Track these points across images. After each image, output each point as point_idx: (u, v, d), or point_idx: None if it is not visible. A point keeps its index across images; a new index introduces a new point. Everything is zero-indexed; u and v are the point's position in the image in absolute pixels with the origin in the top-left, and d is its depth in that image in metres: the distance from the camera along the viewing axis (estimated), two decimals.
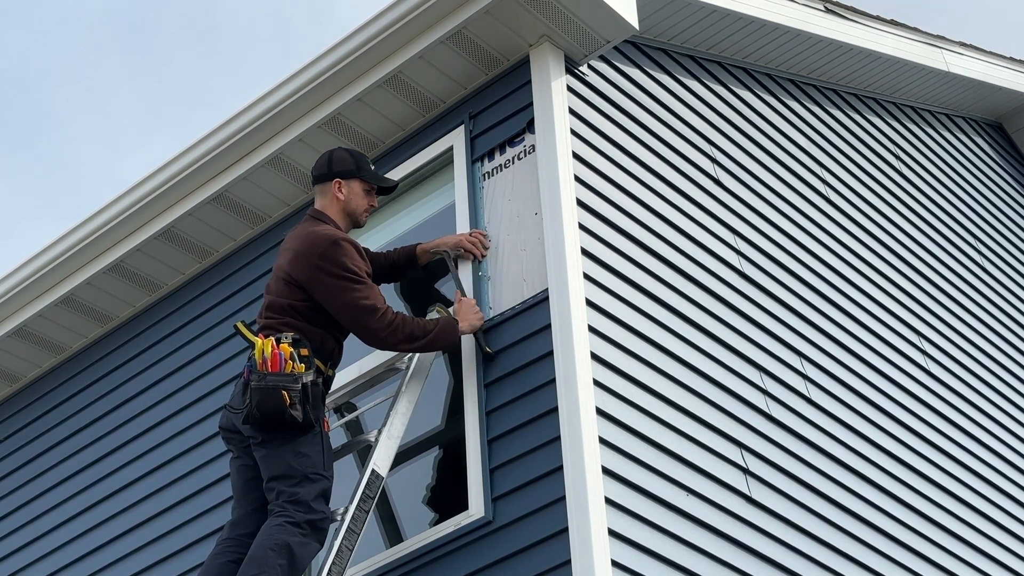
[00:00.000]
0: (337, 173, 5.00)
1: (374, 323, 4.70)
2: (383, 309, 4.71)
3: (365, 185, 5.04)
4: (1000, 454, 6.99)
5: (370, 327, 4.72)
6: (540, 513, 4.48)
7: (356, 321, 4.74)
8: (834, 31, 7.24)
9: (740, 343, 5.60)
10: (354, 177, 5.02)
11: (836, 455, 5.75)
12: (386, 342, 4.77)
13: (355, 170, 5.02)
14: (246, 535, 4.64)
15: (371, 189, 5.07)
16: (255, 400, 4.51)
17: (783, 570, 5.07)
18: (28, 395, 7.12)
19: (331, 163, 5.03)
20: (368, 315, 4.70)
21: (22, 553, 6.54)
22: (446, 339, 4.83)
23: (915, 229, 7.55)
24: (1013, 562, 6.52)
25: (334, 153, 5.07)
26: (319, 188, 5.04)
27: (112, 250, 6.53)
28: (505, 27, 5.49)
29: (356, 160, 5.04)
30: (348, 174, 5.01)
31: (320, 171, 5.04)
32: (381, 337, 4.74)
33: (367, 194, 5.05)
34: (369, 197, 5.06)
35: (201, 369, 6.21)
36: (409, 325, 4.74)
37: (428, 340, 4.77)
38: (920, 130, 8.33)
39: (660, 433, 4.88)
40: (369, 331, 4.74)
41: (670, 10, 6.20)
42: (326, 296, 4.74)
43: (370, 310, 4.70)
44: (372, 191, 5.08)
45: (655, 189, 5.67)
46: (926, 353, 6.87)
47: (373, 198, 5.08)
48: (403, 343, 4.76)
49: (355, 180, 5.02)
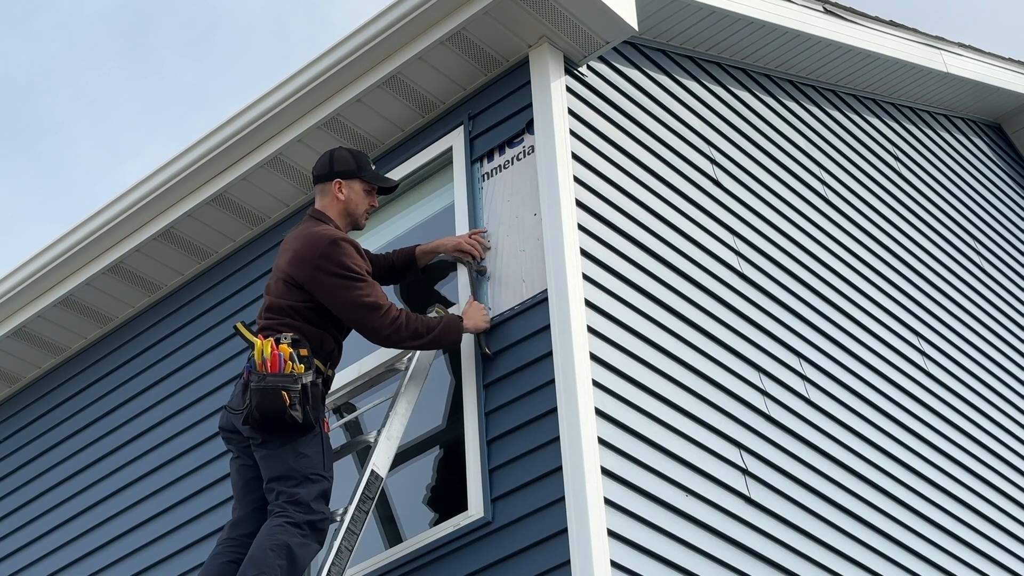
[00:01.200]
0: (338, 173, 4.98)
1: (377, 321, 4.70)
2: (386, 306, 4.70)
3: (366, 185, 5.02)
4: (1000, 455, 6.99)
5: (373, 325, 4.71)
6: (539, 514, 4.48)
7: (359, 319, 4.73)
8: (833, 32, 7.24)
9: (739, 344, 5.61)
10: (355, 177, 5.00)
11: (835, 456, 5.76)
12: (390, 340, 4.76)
13: (356, 170, 5.00)
14: (246, 535, 4.64)
15: (372, 189, 5.05)
16: (255, 401, 4.50)
17: (783, 570, 5.07)
18: (28, 395, 7.12)
19: (332, 163, 5.00)
20: (371, 312, 4.69)
21: (22, 553, 6.54)
22: (449, 337, 4.82)
23: (914, 230, 7.55)
24: (1013, 562, 6.52)
25: (335, 153, 5.04)
26: (319, 188, 5.02)
27: (112, 251, 6.53)
28: (504, 28, 5.49)
29: (357, 160, 5.02)
30: (349, 174, 4.99)
31: (321, 171, 5.02)
32: (385, 335, 4.73)
33: (368, 194, 5.03)
34: (370, 197, 5.04)
35: (200, 370, 6.21)
36: (413, 322, 4.73)
37: (432, 337, 4.77)
38: (919, 131, 8.33)
39: (659, 434, 4.88)
40: (372, 329, 4.73)
41: (669, 11, 6.20)
42: (328, 296, 4.73)
43: (373, 307, 4.69)
44: (373, 191, 5.06)
45: (654, 190, 5.68)
46: (925, 354, 6.88)
47: (374, 198, 5.06)
48: (407, 340, 4.75)
49: (356, 180, 5.00)
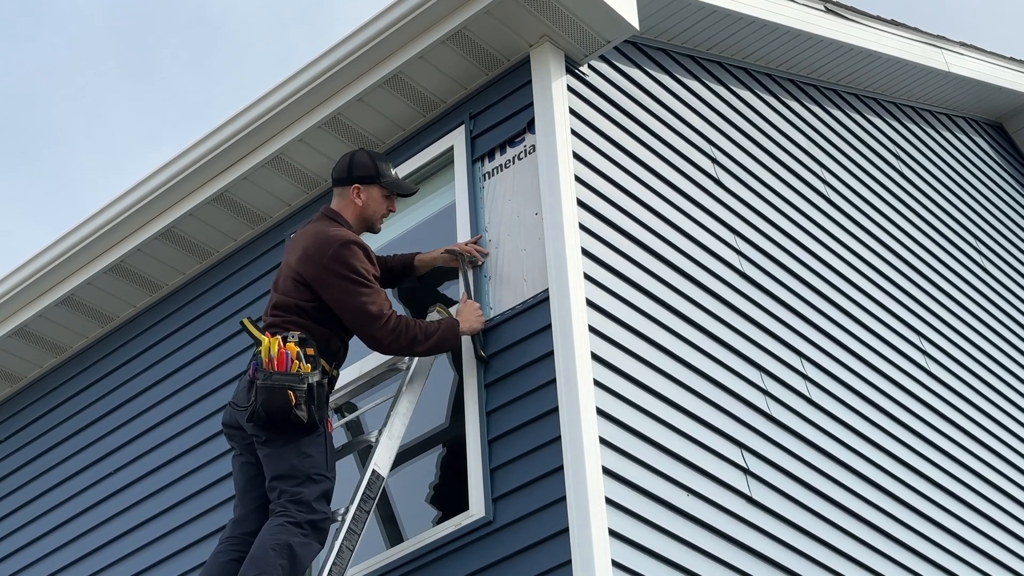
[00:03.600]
0: (357, 178, 4.96)
1: (378, 331, 4.70)
2: (388, 315, 4.70)
3: (384, 191, 5.01)
4: (1000, 454, 6.99)
5: (375, 335, 4.72)
6: (540, 513, 4.48)
7: (361, 327, 4.73)
8: (834, 31, 7.24)
9: (740, 343, 5.60)
10: (374, 183, 4.98)
11: (836, 455, 5.75)
12: (390, 348, 4.77)
13: (376, 176, 4.97)
14: (248, 534, 4.64)
15: (391, 195, 5.03)
16: (260, 399, 4.50)
17: (783, 570, 5.07)
18: (28, 395, 7.11)
19: (351, 167, 4.98)
20: (373, 321, 4.69)
21: (22, 553, 6.54)
22: (448, 343, 4.82)
23: (915, 229, 7.55)
24: (1013, 562, 6.52)
25: (355, 156, 5.02)
26: (337, 190, 5.01)
27: (112, 250, 6.52)
28: (505, 27, 5.48)
29: (377, 165, 4.99)
30: (368, 179, 4.97)
31: (340, 174, 5.00)
32: (385, 344, 4.74)
33: (386, 199, 5.02)
34: (388, 202, 5.02)
35: (201, 369, 6.21)
36: (412, 330, 4.73)
37: (430, 344, 4.77)
38: (920, 130, 8.32)
39: (660, 433, 4.88)
40: (373, 338, 4.74)
41: (670, 10, 6.20)
42: (333, 297, 4.74)
43: (375, 316, 4.69)
44: (392, 196, 5.04)
45: (655, 189, 5.67)
46: (926, 353, 6.87)
47: (392, 203, 5.05)
48: (406, 349, 4.76)
49: (375, 186, 4.99)
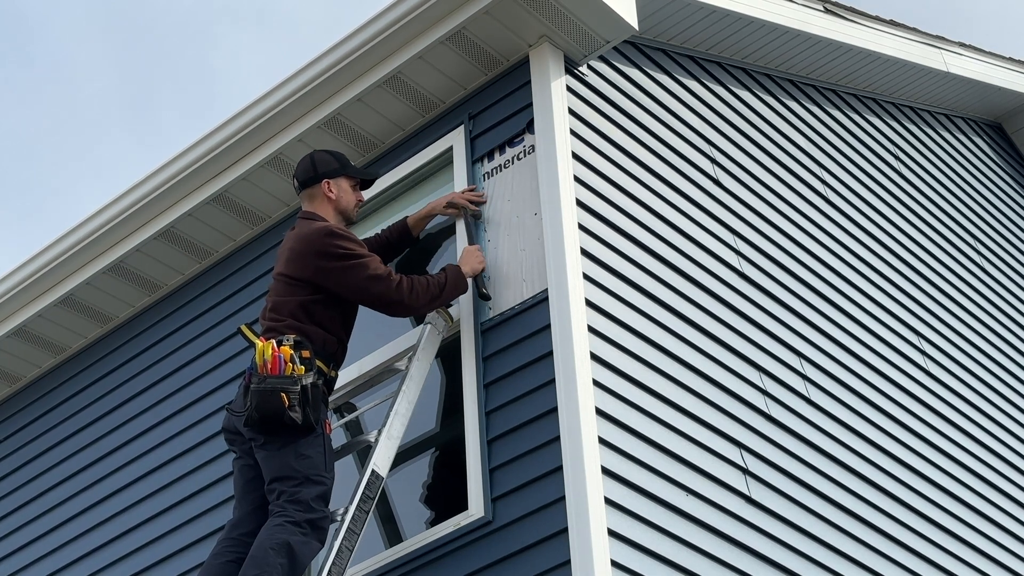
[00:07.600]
0: (324, 174, 5.10)
1: (393, 292, 4.80)
2: (395, 277, 4.81)
3: (351, 181, 5.17)
4: (1000, 455, 6.99)
5: (392, 298, 4.81)
6: (540, 513, 4.48)
7: (376, 296, 4.82)
8: (834, 31, 7.24)
9: (740, 343, 5.60)
10: (340, 175, 5.13)
11: (836, 455, 5.75)
12: (409, 308, 4.87)
13: (340, 168, 5.14)
14: (247, 534, 4.65)
15: (357, 184, 5.20)
16: (254, 402, 4.54)
17: (783, 570, 5.07)
18: (28, 395, 7.12)
19: (315, 165, 5.12)
20: (383, 285, 4.79)
21: (22, 553, 6.54)
22: (459, 289, 4.97)
23: (915, 229, 7.55)
24: (1013, 562, 6.52)
25: (314, 156, 5.16)
26: (306, 193, 5.12)
27: (112, 250, 6.53)
28: (505, 27, 5.49)
29: (338, 159, 5.16)
30: (334, 173, 5.12)
31: (306, 175, 5.12)
32: (407, 303, 4.83)
33: (354, 189, 5.18)
34: (356, 192, 5.19)
35: (201, 369, 6.21)
36: (421, 285, 4.86)
37: (446, 294, 4.91)
38: (920, 130, 8.32)
39: (660, 433, 4.88)
40: (392, 302, 4.83)
41: (670, 10, 6.20)
42: (338, 282, 4.81)
43: (382, 279, 4.79)
44: (357, 186, 5.20)
45: (655, 189, 5.67)
46: (926, 353, 6.87)
47: (360, 193, 5.21)
48: (425, 305, 4.89)
49: (342, 177, 5.13)
